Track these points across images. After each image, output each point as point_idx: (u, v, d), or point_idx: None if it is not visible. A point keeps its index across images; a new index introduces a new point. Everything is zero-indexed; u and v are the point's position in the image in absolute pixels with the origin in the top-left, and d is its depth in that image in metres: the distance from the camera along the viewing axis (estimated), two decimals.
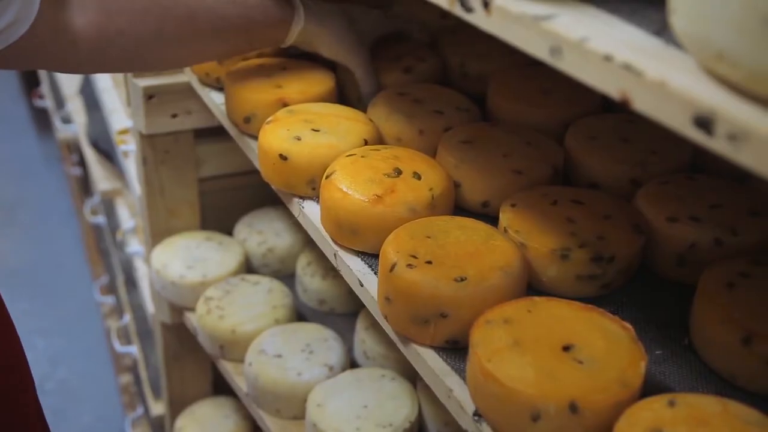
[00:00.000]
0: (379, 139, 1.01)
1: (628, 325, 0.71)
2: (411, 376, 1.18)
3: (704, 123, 0.42)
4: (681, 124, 0.44)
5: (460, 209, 0.93)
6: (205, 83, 1.21)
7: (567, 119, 1.01)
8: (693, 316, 0.76)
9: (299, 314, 1.40)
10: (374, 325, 1.25)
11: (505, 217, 0.85)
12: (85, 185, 2.75)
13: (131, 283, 2.05)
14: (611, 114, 1.03)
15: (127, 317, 2.06)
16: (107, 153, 2.22)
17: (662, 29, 0.51)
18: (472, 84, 1.15)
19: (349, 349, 1.29)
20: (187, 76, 1.28)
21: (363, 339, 1.28)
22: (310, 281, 1.40)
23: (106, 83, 2.07)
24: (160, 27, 0.95)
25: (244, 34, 1.02)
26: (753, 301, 0.72)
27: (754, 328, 0.69)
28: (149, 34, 0.95)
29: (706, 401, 0.63)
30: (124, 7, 0.92)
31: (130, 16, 0.93)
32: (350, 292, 0.94)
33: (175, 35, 0.97)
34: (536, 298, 0.75)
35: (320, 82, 1.11)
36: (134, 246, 1.91)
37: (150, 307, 1.62)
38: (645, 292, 0.83)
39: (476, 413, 0.70)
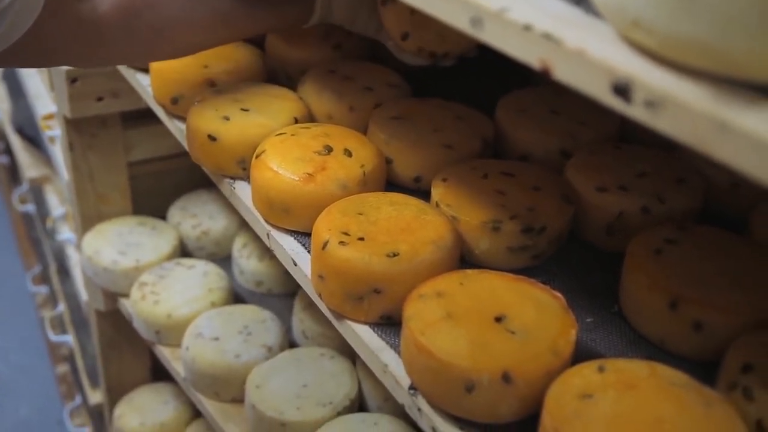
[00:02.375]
0: (310, 117, 1.01)
1: (559, 295, 0.72)
2: (350, 353, 1.18)
3: (622, 90, 0.43)
4: (600, 91, 0.44)
5: (392, 185, 0.92)
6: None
7: (500, 93, 1.02)
8: (622, 283, 0.77)
9: (237, 296, 1.38)
10: (312, 304, 1.24)
11: (437, 191, 0.85)
12: (12, 173, 2.68)
13: (64, 271, 2.01)
14: (541, 86, 1.04)
15: (62, 306, 2.02)
16: (33, 139, 2.17)
17: None
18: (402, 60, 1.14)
19: (287, 330, 1.29)
20: None
21: (301, 319, 1.27)
22: (247, 263, 1.39)
23: (27, 69, 2.02)
24: (190, 9, 0.92)
25: (271, 16, 0.98)
26: (679, 267, 0.73)
27: (681, 293, 0.71)
28: (178, 17, 0.92)
29: (635, 366, 0.64)
30: None
31: None
32: (287, 273, 0.94)
33: (206, 18, 0.93)
34: (468, 271, 0.75)
35: (248, 61, 1.09)
36: (65, 233, 1.88)
37: (84, 294, 1.59)
38: (575, 261, 0.84)
39: (412, 387, 0.71)
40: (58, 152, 1.71)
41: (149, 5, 0.89)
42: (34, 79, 1.98)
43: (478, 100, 1.01)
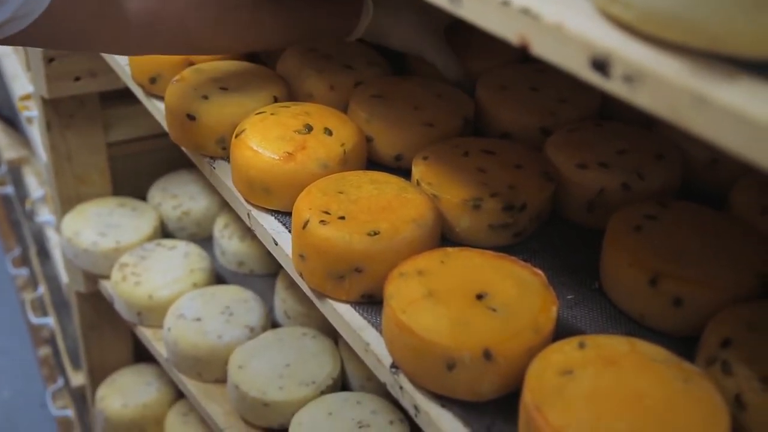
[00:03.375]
0: (289, 96, 1.00)
1: (540, 272, 0.72)
2: (332, 333, 1.18)
3: (601, 65, 0.43)
4: (579, 66, 0.44)
5: (373, 164, 0.92)
6: None
7: (484, 71, 1.01)
8: (602, 259, 0.77)
9: (218, 277, 1.38)
10: (294, 284, 1.24)
11: (418, 169, 0.85)
12: None
13: (44, 253, 2.00)
14: (522, 64, 1.04)
15: (42, 288, 2.01)
16: (11, 120, 2.14)
17: None
18: None
19: (269, 310, 1.29)
20: None
21: (283, 299, 1.27)
22: (228, 243, 1.38)
23: (4, 48, 1.99)
24: (220, 15, 0.89)
25: (307, 27, 0.95)
26: (659, 243, 0.74)
27: (661, 269, 0.71)
28: (207, 22, 0.89)
29: (615, 342, 0.64)
30: None
31: (187, 2, 0.87)
32: (269, 253, 0.93)
33: (235, 25, 0.90)
34: (449, 249, 0.75)
35: None
36: (45, 215, 1.86)
37: (64, 277, 1.58)
38: (556, 238, 0.84)
39: (393, 365, 0.71)
40: (36, 133, 1.69)
41: (175, 17, 0.87)
42: (11, 59, 1.95)
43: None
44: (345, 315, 0.77)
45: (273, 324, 1.28)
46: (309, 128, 0.88)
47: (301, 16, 0.93)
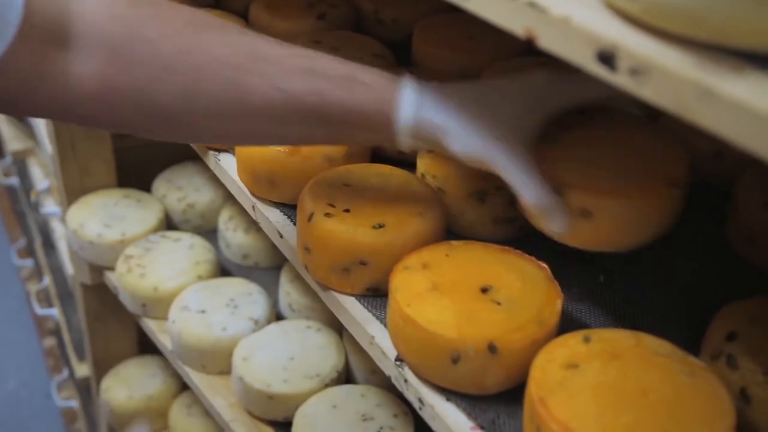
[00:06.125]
0: None
1: (544, 265, 0.72)
2: (337, 326, 1.18)
3: (607, 58, 0.43)
4: (585, 60, 0.44)
5: (378, 157, 0.92)
6: None
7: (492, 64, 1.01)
8: None
9: (223, 270, 1.38)
10: (299, 277, 1.24)
11: (423, 163, 0.85)
12: None
13: (49, 244, 2.00)
14: (526, 57, 1.03)
15: (47, 280, 2.01)
16: None
17: None
18: (387, 30, 1.13)
19: (274, 303, 1.29)
20: None
21: (288, 291, 1.27)
22: (233, 236, 1.39)
23: None
24: (192, 94, 0.67)
25: (318, 121, 0.69)
26: (569, 154, 0.69)
27: (567, 180, 0.66)
28: (175, 101, 0.67)
29: (621, 335, 0.64)
30: (144, 59, 0.66)
31: (150, 71, 0.66)
32: (274, 246, 0.94)
33: (213, 108, 0.68)
34: (454, 243, 0.75)
35: None
36: (50, 207, 1.87)
37: (69, 268, 1.58)
38: None
39: (398, 358, 0.71)
40: (42, 124, 1.70)
41: (133, 88, 0.67)
42: None
43: None
44: (350, 308, 0.77)
45: (277, 316, 1.28)
46: None
47: (308, 109, 0.68)
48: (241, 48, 0.68)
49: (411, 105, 0.67)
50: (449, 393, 0.68)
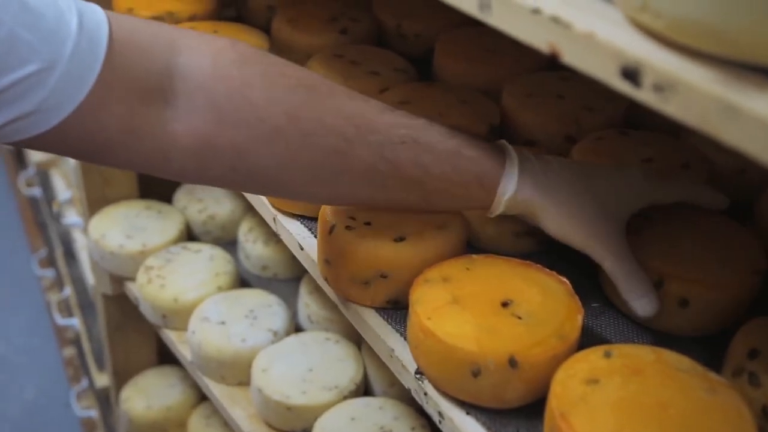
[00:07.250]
0: None
1: (565, 280, 0.72)
2: (355, 338, 1.19)
3: (631, 74, 0.43)
4: (609, 75, 0.44)
5: None
6: None
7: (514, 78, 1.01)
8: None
9: (242, 281, 1.39)
10: (318, 289, 1.25)
11: None
12: (18, 157, 2.69)
13: (70, 255, 2.02)
14: (548, 72, 1.04)
15: (68, 290, 2.03)
16: None
17: None
18: (409, 44, 1.14)
19: (293, 314, 1.29)
20: None
21: (307, 303, 1.27)
22: (252, 247, 1.39)
23: None
24: (295, 159, 0.67)
25: (416, 188, 0.71)
26: (659, 245, 0.74)
27: (665, 271, 0.72)
28: (276, 164, 0.67)
29: (641, 351, 0.64)
30: (250, 121, 0.65)
31: (255, 134, 0.65)
32: (293, 257, 0.94)
33: (314, 173, 0.69)
34: (474, 256, 0.75)
35: (253, 45, 1.09)
36: (72, 217, 1.88)
37: (90, 278, 1.60)
38: None
39: (418, 371, 0.71)
40: None
41: (233, 149, 0.66)
42: None
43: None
44: (370, 320, 0.77)
45: (296, 328, 1.29)
46: None
47: (408, 175, 0.70)
48: (349, 115, 0.68)
49: (513, 183, 0.70)
50: (469, 407, 0.68)
